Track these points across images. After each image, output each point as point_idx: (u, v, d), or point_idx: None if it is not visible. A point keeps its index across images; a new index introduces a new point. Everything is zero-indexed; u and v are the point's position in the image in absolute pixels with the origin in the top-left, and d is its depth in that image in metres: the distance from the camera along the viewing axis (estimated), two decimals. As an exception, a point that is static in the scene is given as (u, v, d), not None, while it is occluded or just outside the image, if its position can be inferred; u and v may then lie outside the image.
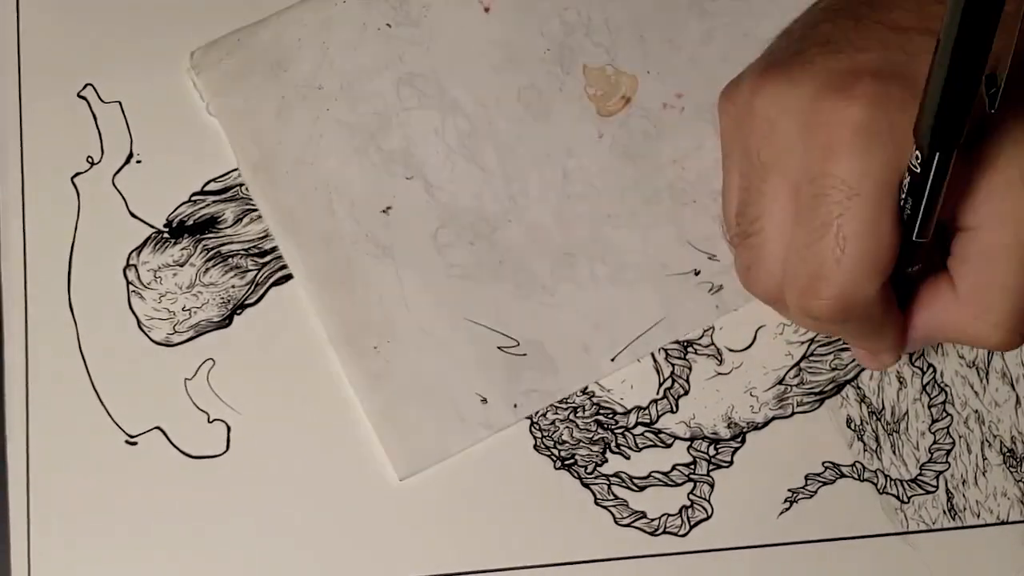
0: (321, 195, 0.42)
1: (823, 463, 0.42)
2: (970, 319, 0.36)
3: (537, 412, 0.42)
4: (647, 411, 0.42)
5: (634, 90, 0.44)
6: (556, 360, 0.42)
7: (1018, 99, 0.32)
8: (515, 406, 0.41)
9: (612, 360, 0.42)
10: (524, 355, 0.42)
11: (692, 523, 0.42)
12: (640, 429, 0.42)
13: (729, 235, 0.40)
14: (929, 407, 0.43)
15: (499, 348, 0.41)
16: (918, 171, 0.32)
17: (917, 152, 0.32)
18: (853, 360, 0.43)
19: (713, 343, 0.43)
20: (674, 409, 0.42)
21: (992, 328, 0.35)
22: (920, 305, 0.37)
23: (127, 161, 0.43)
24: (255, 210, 0.43)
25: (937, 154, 0.31)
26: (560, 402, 0.42)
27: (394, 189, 0.43)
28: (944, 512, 0.42)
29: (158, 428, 0.42)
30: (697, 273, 0.42)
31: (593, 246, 0.42)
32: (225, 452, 0.42)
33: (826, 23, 0.37)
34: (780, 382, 0.43)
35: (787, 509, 0.42)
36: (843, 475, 0.42)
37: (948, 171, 0.32)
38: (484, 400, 0.41)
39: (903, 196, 0.33)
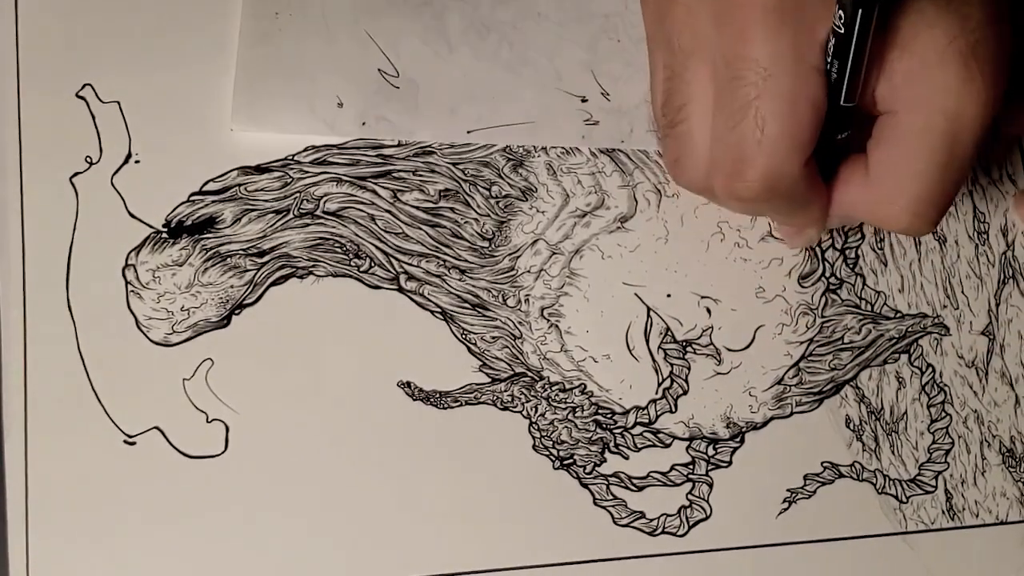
0: None
1: (822, 463, 0.42)
2: (881, 201, 0.36)
3: (535, 411, 0.42)
4: (646, 411, 0.42)
5: None
6: (422, 106, 0.43)
7: None
8: (363, 124, 0.43)
9: (468, 132, 0.43)
10: (397, 88, 0.43)
11: (691, 523, 0.42)
12: (639, 429, 0.42)
13: (657, 127, 0.40)
14: (928, 407, 0.43)
15: (379, 70, 0.43)
16: (842, 31, 0.33)
17: (840, 12, 0.32)
18: (853, 360, 0.43)
19: (712, 343, 0.43)
20: (673, 409, 0.42)
21: (900, 212, 0.36)
22: (839, 183, 0.38)
23: (126, 161, 0.43)
24: (254, 210, 0.43)
25: (860, 11, 0.32)
26: (559, 402, 0.42)
27: None
28: (943, 512, 0.42)
29: (156, 428, 0.41)
30: (584, 100, 0.43)
31: (510, 30, 0.44)
32: (223, 452, 0.41)
33: None
34: (779, 382, 0.43)
35: (786, 509, 0.42)
36: (842, 475, 0.42)
37: (871, 29, 0.32)
38: (340, 104, 0.43)
39: (828, 59, 0.34)
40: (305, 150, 0.43)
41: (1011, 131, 0.44)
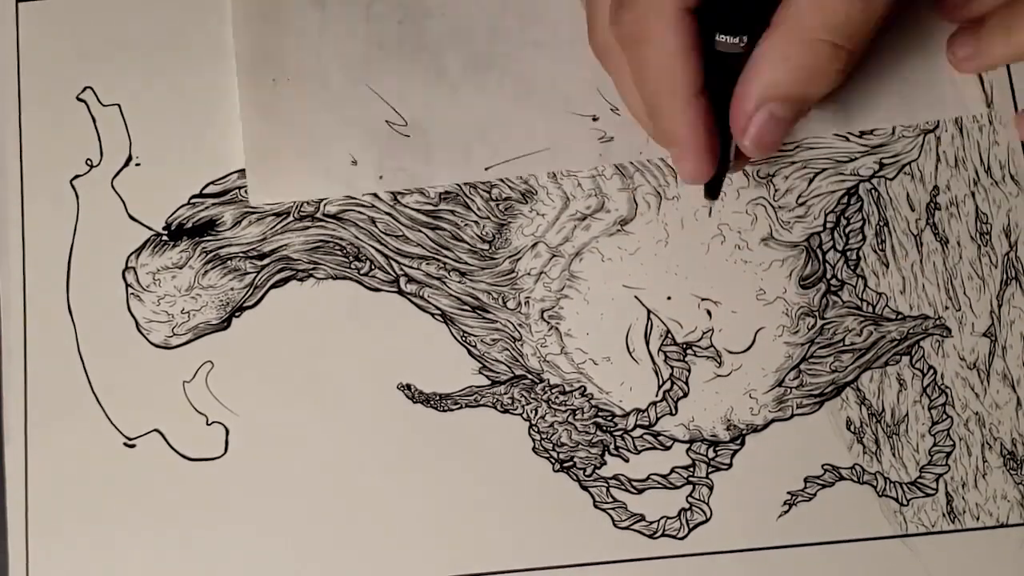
0: None
1: (822, 465, 0.42)
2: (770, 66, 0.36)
3: (536, 413, 0.42)
4: (646, 413, 0.42)
5: None
6: (435, 150, 0.43)
7: None
8: (380, 177, 0.43)
9: (486, 169, 0.43)
10: (408, 136, 0.43)
11: (691, 526, 0.42)
12: (639, 431, 0.42)
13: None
14: (929, 409, 0.43)
15: (387, 122, 0.43)
16: None
17: None
18: (854, 362, 0.43)
19: (712, 345, 0.43)
20: (673, 411, 0.42)
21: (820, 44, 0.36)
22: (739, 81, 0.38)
23: (126, 164, 0.43)
24: (254, 213, 0.43)
25: None
26: (559, 404, 0.42)
27: None
28: (944, 515, 0.42)
29: (156, 431, 0.42)
30: (595, 119, 0.43)
31: (511, 62, 0.44)
32: (224, 454, 0.42)
33: None
34: (779, 384, 0.43)
35: (786, 512, 0.42)
36: (842, 478, 0.42)
37: None
38: (354, 162, 0.43)
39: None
40: (305, 152, 0.43)
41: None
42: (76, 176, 0.43)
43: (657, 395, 0.42)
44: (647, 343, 0.43)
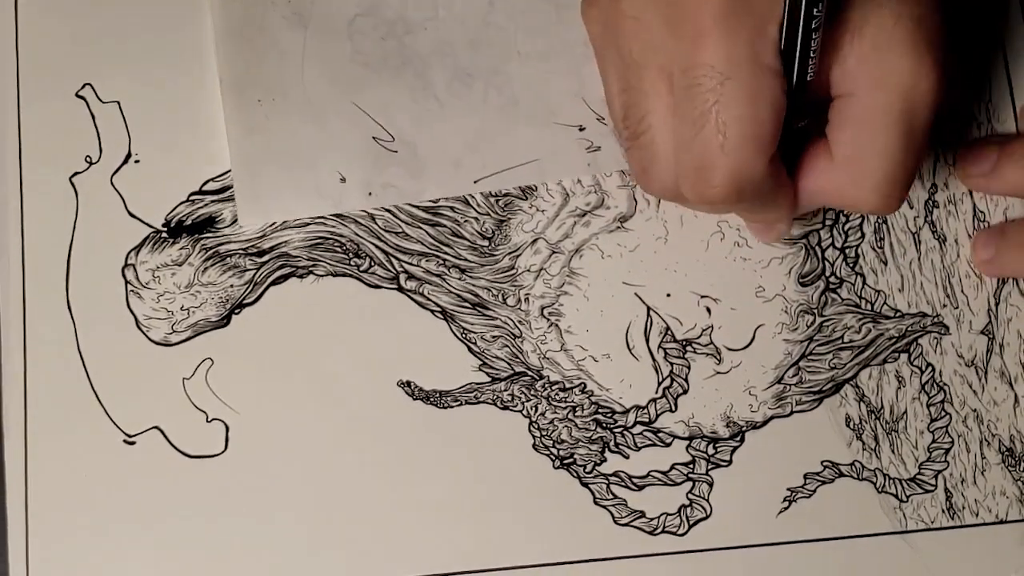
0: None
1: (822, 462, 0.42)
2: (848, 184, 0.37)
3: (535, 410, 0.42)
4: (646, 410, 0.42)
5: None
6: (424, 165, 0.43)
7: None
8: (370, 194, 0.43)
9: (475, 182, 0.43)
10: (395, 152, 0.43)
11: (691, 522, 0.42)
12: (639, 428, 0.42)
13: (620, 140, 0.40)
14: (928, 406, 0.43)
15: (374, 138, 0.43)
16: (793, 26, 0.33)
17: (788, 7, 0.33)
18: (853, 359, 0.43)
19: (712, 342, 0.43)
20: (673, 408, 0.42)
21: (868, 192, 0.37)
22: (803, 171, 0.38)
23: (125, 161, 0.43)
24: (253, 210, 0.43)
25: (804, 3, 0.33)
26: (559, 401, 0.42)
27: None
28: (943, 511, 0.42)
29: (156, 428, 0.42)
30: (582, 129, 0.43)
31: (494, 75, 0.44)
32: (223, 452, 0.41)
33: None
34: (779, 381, 0.43)
35: (786, 508, 0.42)
36: (842, 474, 0.42)
37: (820, 19, 0.33)
38: (343, 180, 0.43)
39: (782, 54, 0.34)
40: (305, 150, 0.43)
41: None
42: (75, 173, 0.43)
43: (657, 392, 0.42)
44: (647, 340, 0.43)
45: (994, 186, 0.43)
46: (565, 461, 0.42)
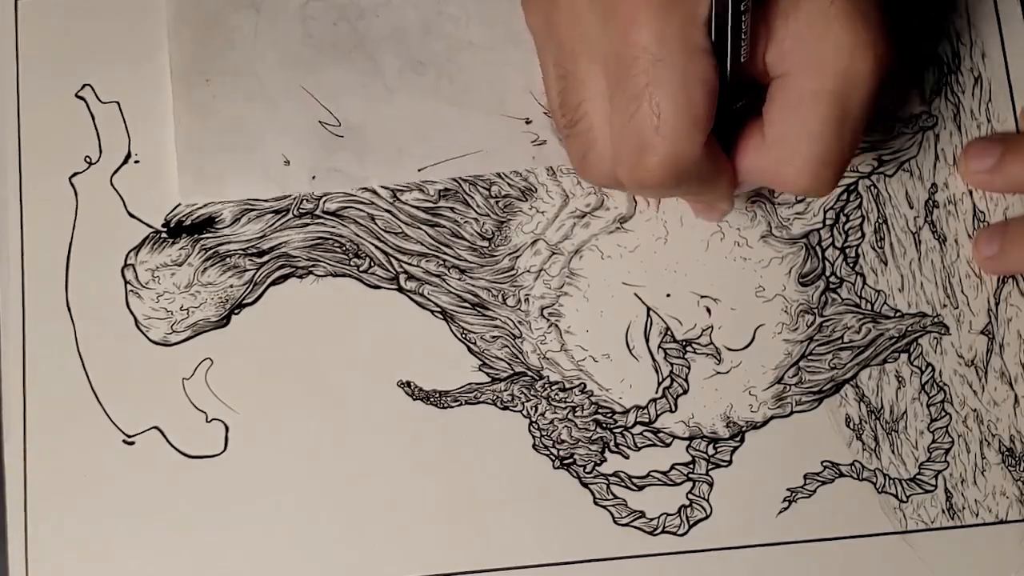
0: None
1: (822, 462, 0.42)
2: (778, 164, 0.37)
3: (535, 410, 0.42)
4: (646, 410, 0.42)
5: None
6: (369, 151, 0.43)
7: None
8: (313, 178, 0.43)
9: (419, 171, 0.43)
10: (341, 136, 0.43)
11: (691, 522, 0.42)
12: (639, 428, 0.42)
13: (558, 129, 0.40)
14: (928, 406, 0.43)
15: (320, 122, 0.43)
16: (722, 5, 0.33)
17: None
18: (853, 359, 0.43)
19: (712, 342, 0.43)
20: (673, 408, 0.42)
21: (797, 173, 0.36)
22: (739, 152, 0.38)
23: (125, 161, 0.43)
24: (253, 210, 0.43)
25: None
26: (559, 401, 0.42)
27: None
28: (943, 511, 0.42)
29: (156, 428, 0.41)
30: (528, 122, 0.43)
31: (446, 63, 0.44)
32: (223, 452, 0.41)
33: None
34: (779, 381, 0.43)
35: (786, 508, 0.42)
36: (842, 474, 0.42)
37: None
38: (287, 162, 0.43)
39: (713, 36, 0.34)
40: (305, 150, 0.43)
41: None
42: (75, 173, 0.43)
43: (657, 392, 0.42)
44: (647, 340, 0.43)
45: (997, 182, 0.43)
46: (565, 461, 0.42)
